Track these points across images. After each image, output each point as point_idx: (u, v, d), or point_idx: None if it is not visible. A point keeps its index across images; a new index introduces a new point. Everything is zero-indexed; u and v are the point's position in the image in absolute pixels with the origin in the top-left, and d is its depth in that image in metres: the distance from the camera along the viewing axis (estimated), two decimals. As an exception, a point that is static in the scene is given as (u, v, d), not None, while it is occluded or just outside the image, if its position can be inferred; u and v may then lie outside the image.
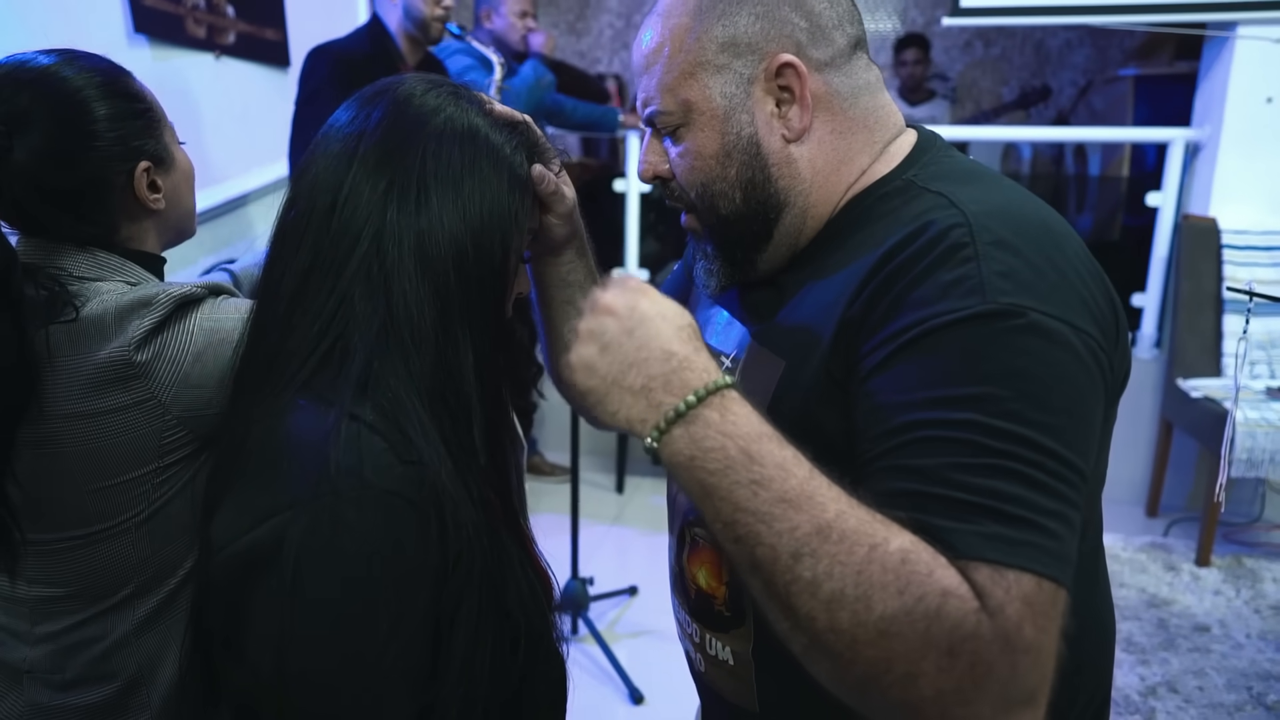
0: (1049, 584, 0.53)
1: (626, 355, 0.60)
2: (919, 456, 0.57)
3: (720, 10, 0.71)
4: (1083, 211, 4.47)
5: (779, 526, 0.55)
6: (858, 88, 0.74)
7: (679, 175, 0.76)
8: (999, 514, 0.54)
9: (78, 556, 0.93)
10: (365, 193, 0.68)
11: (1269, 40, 2.84)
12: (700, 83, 0.72)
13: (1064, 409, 0.57)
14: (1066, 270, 0.62)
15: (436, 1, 2.28)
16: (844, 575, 0.53)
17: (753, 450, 0.56)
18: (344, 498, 0.60)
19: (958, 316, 0.58)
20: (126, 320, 0.89)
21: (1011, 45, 5.33)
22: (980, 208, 0.64)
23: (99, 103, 0.93)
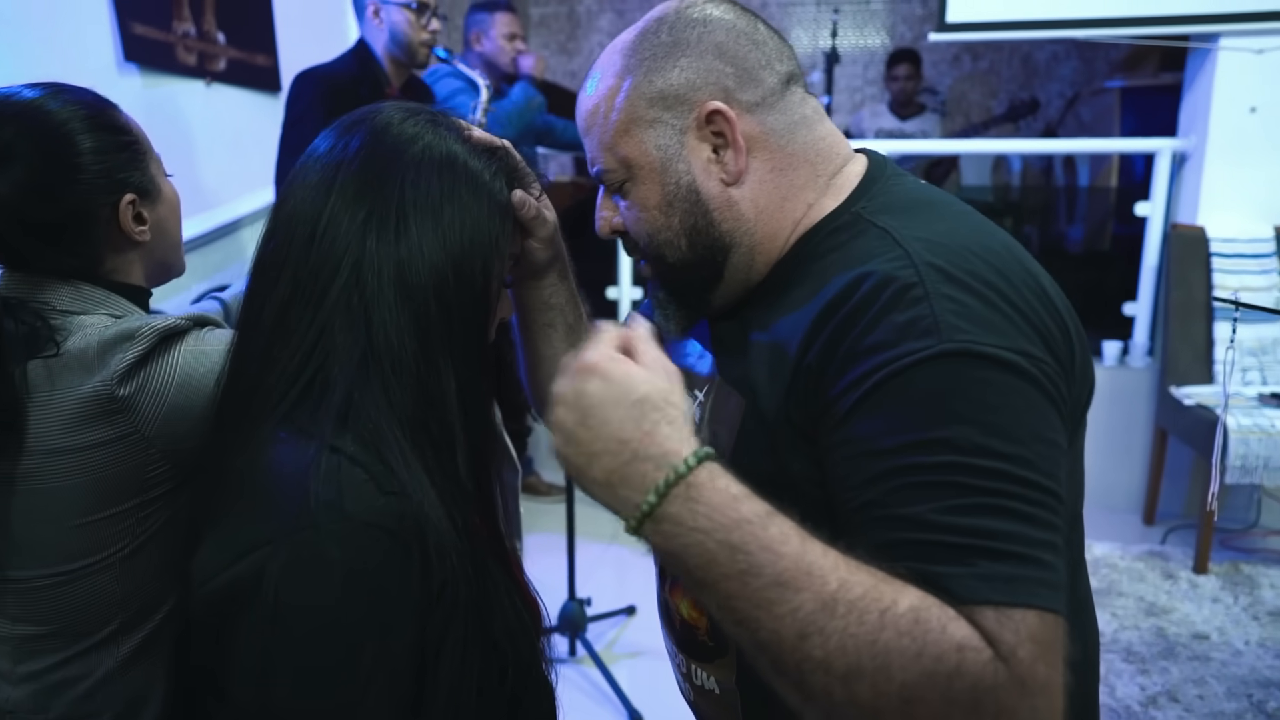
0: (1050, 616, 0.54)
1: (583, 448, 0.59)
2: (905, 504, 0.57)
3: (647, 68, 0.73)
4: (1073, 222, 4.49)
5: (779, 611, 0.53)
6: (794, 123, 0.75)
7: (630, 228, 0.78)
8: (994, 552, 0.54)
9: (60, 594, 0.93)
10: (344, 223, 0.67)
11: (1250, 51, 2.87)
12: (636, 139, 0.74)
13: (1034, 438, 0.58)
14: (1015, 300, 0.62)
15: (423, 26, 2.28)
16: (858, 648, 0.52)
17: (734, 540, 0.54)
18: (324, 531, 0.60)
19: (918, 358, 0.58)
20: (109, 354, 0.89)
21: (999, 59, 5.37)
22: (925, 245, 0.64)
23: (83, 135, 0.94)
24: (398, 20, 2.26)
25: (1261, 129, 2.93)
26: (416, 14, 2.26)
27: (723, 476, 0.57)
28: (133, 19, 2.15)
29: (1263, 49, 2.86)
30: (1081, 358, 0.67)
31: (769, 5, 5.54)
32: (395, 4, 2.25)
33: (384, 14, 2.27)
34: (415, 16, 2.26)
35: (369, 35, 2.32)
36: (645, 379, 0.59)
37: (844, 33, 5.39)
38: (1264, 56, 2.86)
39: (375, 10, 2.27)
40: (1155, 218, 3.15)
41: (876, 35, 5.48)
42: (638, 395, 0.58)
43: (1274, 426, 2.50)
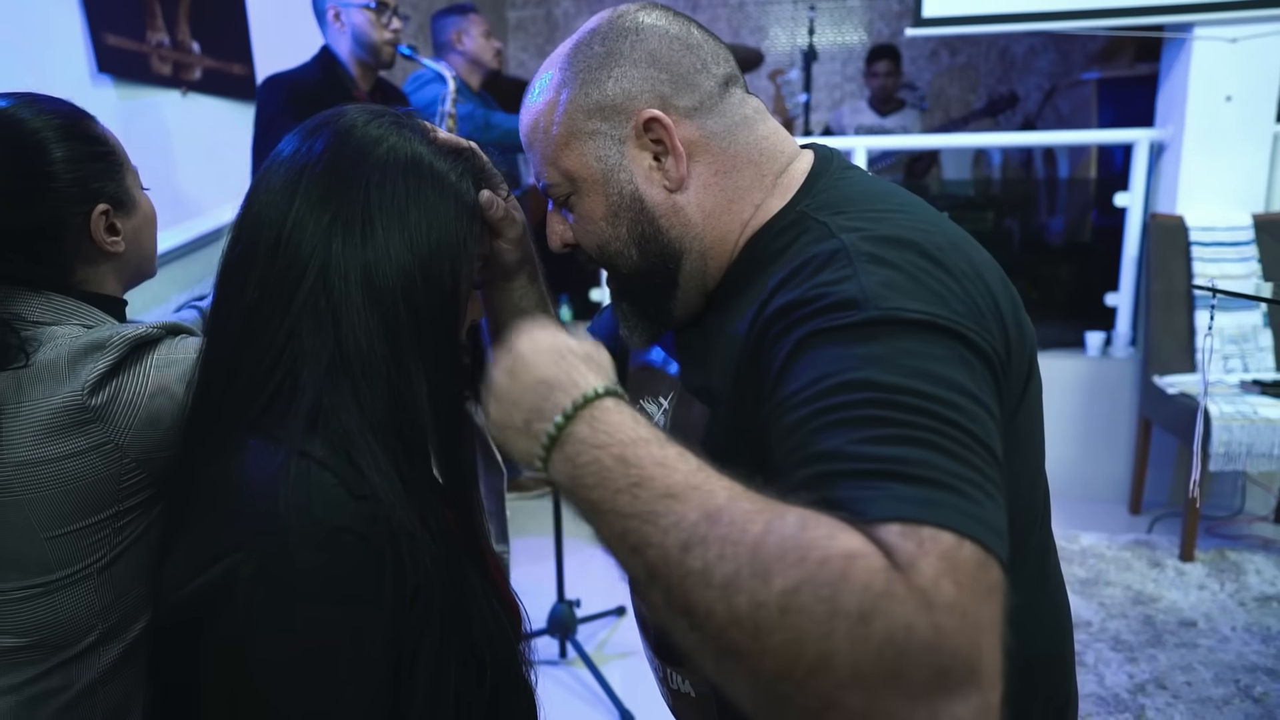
0: (971, 544, 0.48)
1: (508, 397, 0.60)
2: (820, 441, 0.54)
3: (581, 80, 0.74)
4: (1054, 214, 4.52)
5: (664, 522, 0.51)
6: (734, 125, 0.75)
7: (580, 240, 0.79)
8: (908, 477, 0.50)
9: (38, 605, 0.92)
10: (309, 226, 0.67)
11: (1224, 40, 2.89)
12: (576, 151, 0.75)
13: (962, 391, 0.55)
14: (945, 279, 0.62)
15: (384, 25, 2.29)
16: (737, 555, 0.48)
17: (628, 455, 0.54)
18: (294, 536, 0.59)
19: (842, 323, 0.58)
20: (80, 364, 0.89)
21: (977, 53, 5.40)
22: (857, 234, 0.65)
23: (56, 144, 0.93)
24: (359, 22, 2.27)
25: (1237, 118, 2.95)
26: (376, 14, 2.27)
27: (629, 409, 0.58)
28: (106, 30, 2.14)
29: (1236, 38, 2.88)
30: (1018, 347, 0.66)
31: (747, 4, 5.55)
32: (355, 6, 2.26)
33: (344, 17, 2.27)
34: (376, 16, 2.27)
35: (332, 41, 2.32)
36: (575, 341, 0.62)
37: (821, 30, 5.41)
38: (1238, 46, 2.89)
39: (336, 14, 2.28)
40: (1135, 208, 3.17)
41: (854, 32, 5.50)
42: (562, 346, 0.61)
43: (1256, 413, 2.52)
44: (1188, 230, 2.97)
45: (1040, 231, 4.48)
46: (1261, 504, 3.04)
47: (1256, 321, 2.87)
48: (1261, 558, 2.69)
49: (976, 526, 0.49)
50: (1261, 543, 2.84)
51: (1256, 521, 2.98)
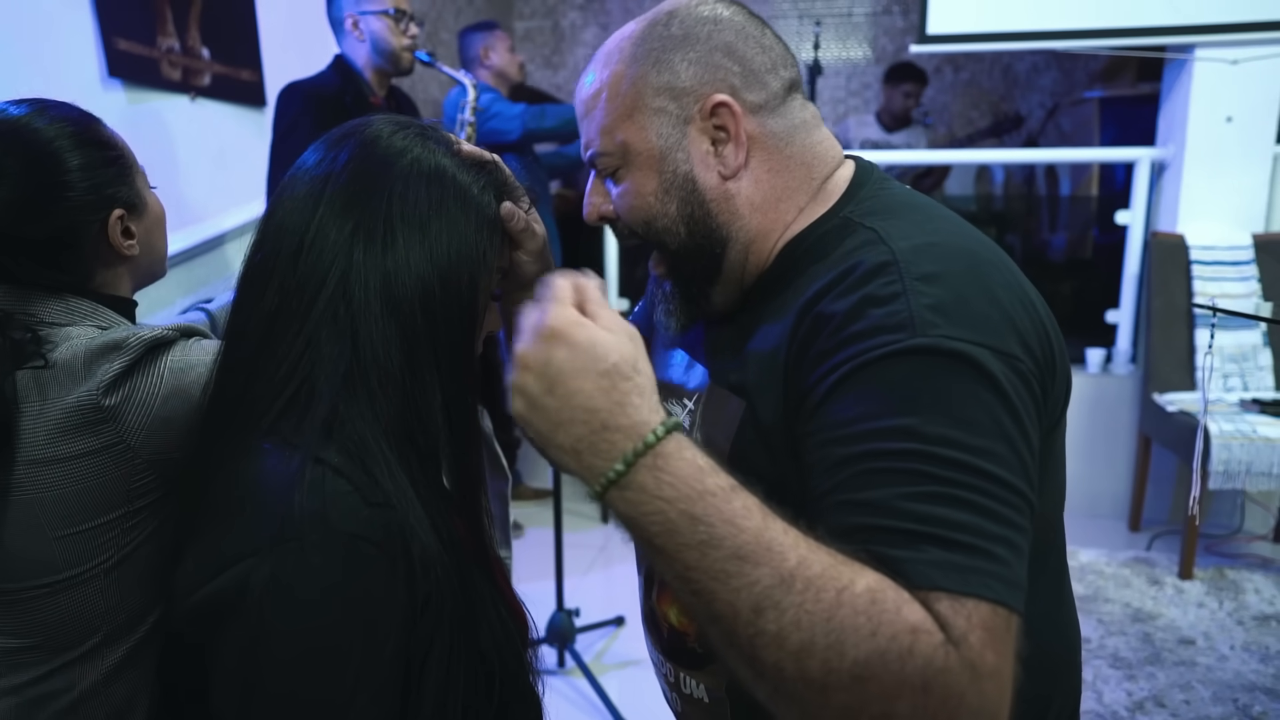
0: (1003, 610, 0.54)
1: (550, 416, 0.57)
2: (866, 489, 0.57)
3: (655, 57, 0.74)
4: (1056, 231, 4.54)
5: (735, 584, 0.53)
6: (793, 128, 0.76)
7: (622, 214, 0.79)
8: (949, 542, 0.55)
9: (43, 605, 0.92)
10: (331, 235, 0.68)
11: (1225, 62, 2.91)
12: (637, 124, 0.75)
13: (1000, 436, 0.58)
14: (994, 300, 0.63)
15: (402, 31, 2.30)
16: (813, 624, 0.52)
17: (695, 511, 0.54)
18: (308, 543, 0.60)
19: (889, 350, 0.59)
20: (96, 364, 0.89)
21: (980, 70, 5.42)
22: (908, 243, 0.65)
23: (71, 153, 0.94)
24: (377, 29, 2.28)
25: (1237, 138, 2.97)
26: (395, 20, 2.28)
27: (690, 448, 0.57)
28: (117, 35, 2.15)
29: (1237, 60, 2.90)
30: (1061, 362, 0.68)
31: (753, 19, 5.57)
32: (373, 13, 2.27)
33: (363, 25, 2.29)
34: (394, 23, 2.28)
35: (348, 49, 2.33)
36: (613, 346, 0.58)
37: (826, 45, 5.44)
38: (1239, 67, 2.91)
39: (354, 22, 2.29)
40: (1136, 226, 3.18)
41: (859, 48, 5.53)
42: (607, 365, 0.57)
43: (1256, 432, 2.53)
44: (1188, 249, 2.98)
45: (1042, 248, 4.50)
46: (1260, 523, 3.04)
47: (1256, 341, 2.88)
48: (1260, 576, 2.70)
49: (1007, 592, 0.55)
50: (1260, 561, 2.84)
51: (1255, 540, 2.98)
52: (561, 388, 0.57)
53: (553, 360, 0.57)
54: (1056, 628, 0.76)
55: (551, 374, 0.57)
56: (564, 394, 0.57)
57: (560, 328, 0.58)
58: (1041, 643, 0.59)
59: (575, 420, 0.57)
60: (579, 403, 0.57)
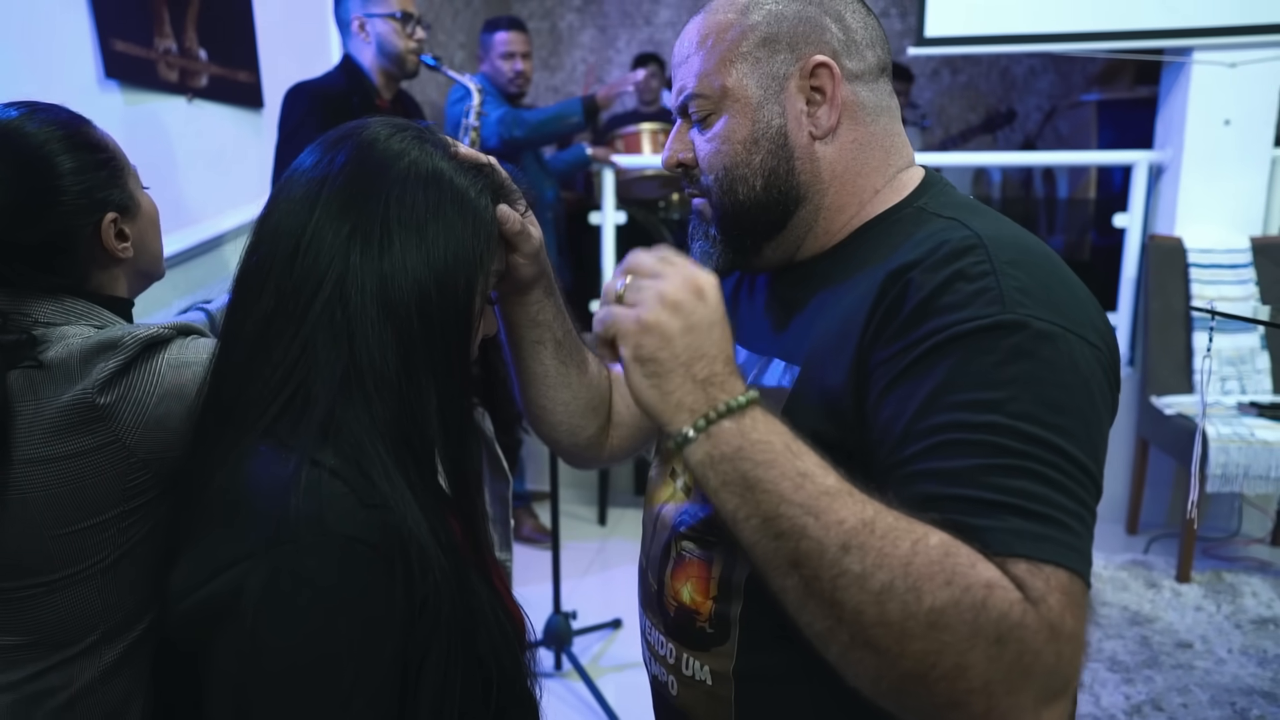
0: (1079, 580, 0.56)
1: (703, 346, 0.62)
2: (945, 459, 0.59)
3: (765, 11, 0.76)
4: (1053, 233, 4.54)
5: (827, 519, 0.56)
6: (881, 107, 0.79)
7: (703, 160, 0.80)
8: (1027, 512, 0.56)
9: (40, 604, 0.92)
10: (328, 237, 0.67)
11: (1223, 65, 2.92)
12: (738, 71, 0.76)
13: (1079, 417, 0.60)
14: (1072, 291, 0.66)
15: (409, 34, 2.30)
16: (892, 567, 0.54)
17: (794, 446, 0.59)
18: (304, 546, 0.59)
19: (979, 324, 0.61)
20: (91, 363, 0.89)
21: (978, 72, 5.43)
22: (991, 232, 0.68)
23: (63, 156, 0.93)
24: (384, 31, 2.28)
25: (1235, 142, 2.97)
26: (401, 23, 2.28)
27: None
28: (113, 36, 2.15)
29: (1235, 63, 2.91)
30: (1118, 356, 0.70)
31: (751, 21, 5.58)
32: (380, 16, 2.27)
33: (369, 27, 2.29)
34: (400, 26, 2.28)
35: (355, 51, 2.33)
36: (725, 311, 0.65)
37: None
38: (1236, 70, 2.91)
39: (361, 24, 2.29)
40: (1133, 229, 3.19)
41: (857, 50, 5.54)
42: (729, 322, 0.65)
43: (1253, 435, 2.53)
44: (1186, 252, 2.99)
45: (1039, 251, 4.50)
46: (1258, 526, 3.04)
47: (1254, 344, 2.88)
48: (1258, 580, 2.70)
49: (1082, 562, 0.57)
50: (1258, 565, 2.84)
51: (1253, 544, 2.99)
52: (723, 331, 0.64)
53: (693, 310, 0.63)
54: None
55: (720, 315, 0.64)
56: (723, 336, 0.63)
57: (704, 285, 0.64)
58: None
59: (720, 358, 0.62)
60: (726, 349, 0.63)
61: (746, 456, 0.59)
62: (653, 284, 0.63)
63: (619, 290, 0.66)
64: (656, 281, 0.64)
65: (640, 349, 0.62)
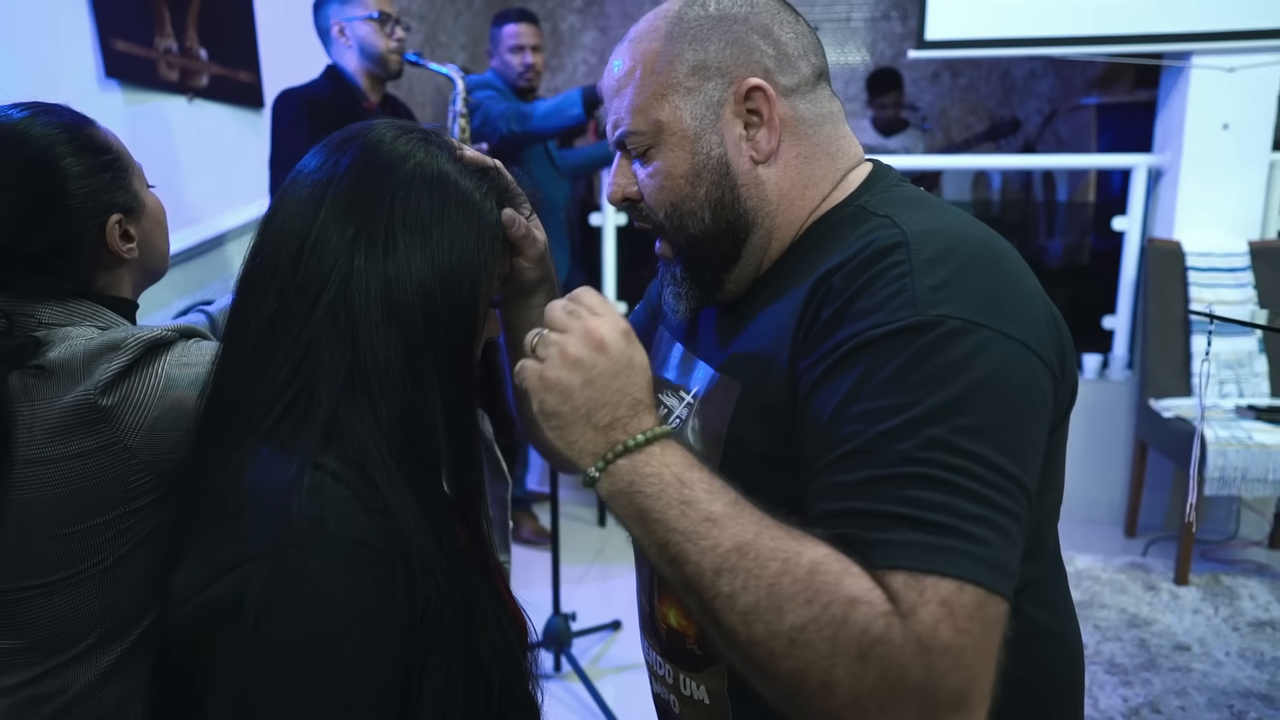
0: (971, 589, 0.53)
1: (605, 396, 0.63)
2: (845, 472, 0.59)
3: (691, 36, 0.74)
4: (1053, 236, 4.54)
5: (704, 544, 0.58)
6: (822, 116, 0.77)
7: (648, 196, 0.78)
8: (917, 522, 0.55)
9: (37, 606, 0.91)
10: (333, 239, 0.67)
11: (1222, 69, 2.92)
12: (671, 104, 0.74)
13: (995, 416, 0.57)
14: (1001, 284, 0.63)
15: (388, 34, 2.31)
16: (758, 589, 0.55)
17: (684, 476, 0.61)
18: (306, 549, 0.59)
19: (888, 329, 0.60)
20: (94, 364, 0.89)
21: (978, 75, 5.44)
22: (921, 227, 0.66)
23: (69, 159, 0.93)
24: (364, 34, 2.29)
25: (1234, 146, 2.98)
26: (380, 24, 2.29)
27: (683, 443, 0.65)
28: (114, 35, 2.15)
29: (1234, 67, 2.91)
30: (1069, 359, 0.68)
31: (751, 23, 5.58)
32: (358, 19, 2.28)
33: (349, 31, 2.30)
34: (380, 26, 2.29)
35: (338, 57, 2.35)
36: (640, 351, 0.66)
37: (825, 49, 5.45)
38: (1235, 75, 2.92)
39: (340, 29, 2.30)
40: (1132, 232, 3.19)
41: (857, 52, 5.54)
42: (640, 363, 0.66)
43: (1251, 438, 2.53)
44: (1185, 255, 2.99)
45: (1039, 253, 4.50)
46: (1256, 529, 3.05)
47: (1252, 347, 2.88)
48: (1255, 583, 2.70)
49: (978, 569, 0.54)
50: (1255, 567, 2.85)
51: (1250, 546, 2.99)
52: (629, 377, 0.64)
53: (632, 355, 0.65)
54: (1052, 633, 0.74)
55: (625, 362, 0.64)
56: (628, 382, 0.64)
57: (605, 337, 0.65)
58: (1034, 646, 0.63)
59: (624, 404, 0.64)
60: (634, 393, 0.64)
61: (638, 490, 0.61)
62: (558, 340, 0.65)
63: (532, 344, 0.67)
64: (561, 338, 0.65)
65: (544, 405, 0.64)
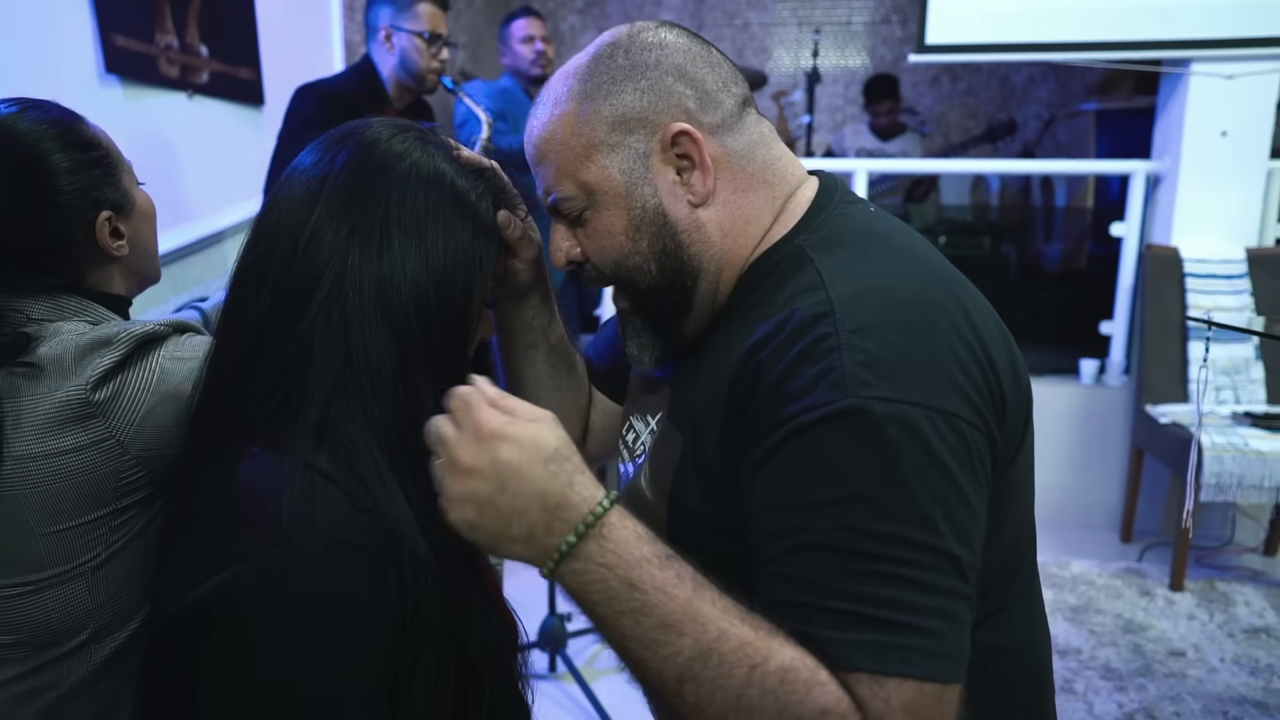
0: (931, 686, 0.55)
1: (503, 511, 0.60)
2: (798, 565, 0.58)
3: (605, 91, 0.72)
4: (1051, 242, 4.55)
5: (663, 652, 0.57)
6: (753, 144, 0.75)
7: (592, 256, 0.77)
8: (875, 620, 0.55)
9: (29, 602, 0.91)
10: (327, 236, 0.67)
11: (1220, 77, 2.93)
12: (597, 164, 0.73)
13: (935, 499, 0.57)
14: (931, 351, 0.61)
15: (433, 55, 2.28)
16: (725, 700, 0.55)
17: (633, 577, 0.58)
18: (296, 549, 0.59)
19: (822, 414, 0.59)
20: (86, 359, 0.89)
21: (978, 80, 5.45)
22: (848, 289, 0.64)
23: (56, 155, 0.93)
24: (408, 47, 2.26)
25: (1232, 153, 2.99)
26: (428, 43, 2.26)
27: (629, 518, 0.61)
28: (114, 31, 2.15)
29: (1232, 75, 2.92)
30: (1014, 396, 0.66)
31: (751, 25, 5.60)
32: (407, 31, 2.25)
33: (395, 39, 2.27)
34: (426, 45, 2.26)
35: (377, 56, 2.31)
36: (548, 433, 0.61)
37: (825, 53, 5.46)
38: (1234, 82, 2.92)
39: (388, 34, 2.27)
40: (1130, 238, 3.20)
41: (857, 56, 5.55)
42: (550, 450, 0.60)
43: (1247, 445, 2.54)
44: (1182, 261, 2.99)
45: (1036, 258, 4.51)
46: (1251, 535, 3.05)
47: (1249, 354, 2.89)
48: (1251, 589, 2.70)
49: (935, 666, 0.55)
50: (1250, 574, 2.85)
51: (1246, 553, 2.99)
52: (514, 482, 0.59)
53: (499, 458, 0.59)
54: (1019, 661, 0.74)
55: (501, 471, 0.59)
56: (518, 487, 0.59)
57: (497, 428, 0.60)
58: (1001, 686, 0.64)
59: (530, 508, 0.59)
60: (532, 489, 0.59)
61: (587, 596, 0.59)
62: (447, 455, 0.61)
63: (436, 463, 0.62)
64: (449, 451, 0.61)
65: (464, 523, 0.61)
